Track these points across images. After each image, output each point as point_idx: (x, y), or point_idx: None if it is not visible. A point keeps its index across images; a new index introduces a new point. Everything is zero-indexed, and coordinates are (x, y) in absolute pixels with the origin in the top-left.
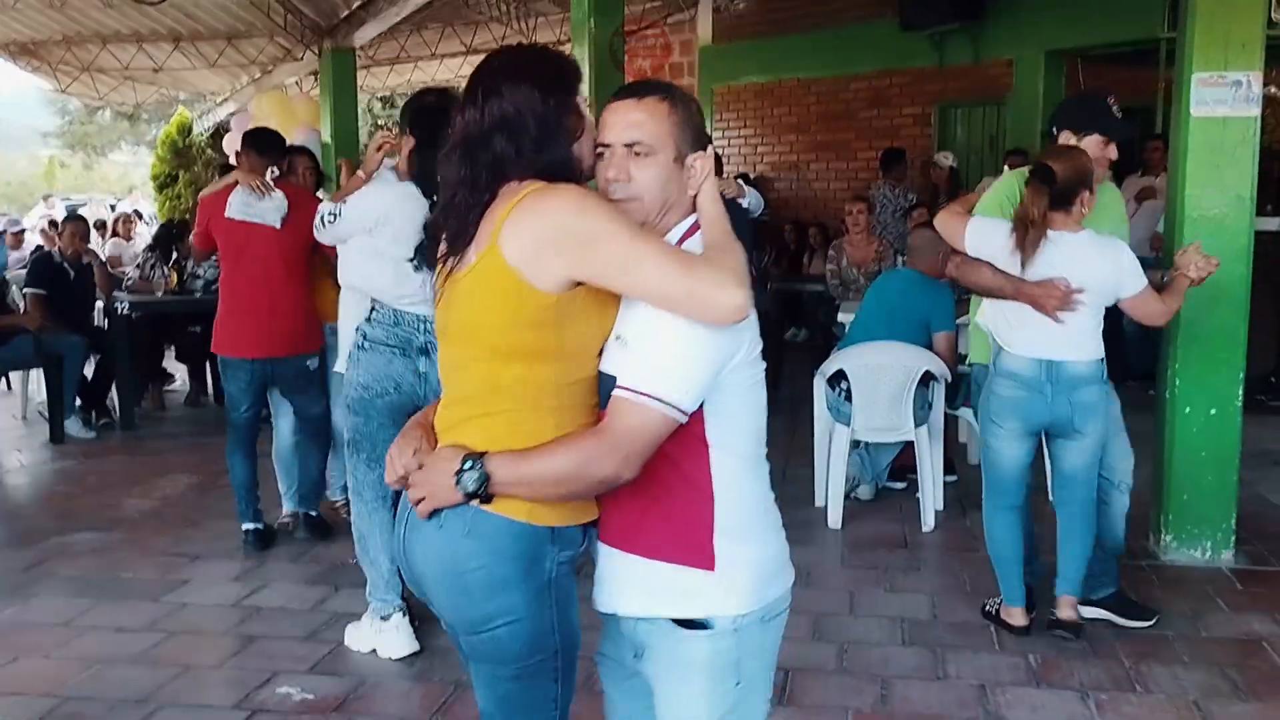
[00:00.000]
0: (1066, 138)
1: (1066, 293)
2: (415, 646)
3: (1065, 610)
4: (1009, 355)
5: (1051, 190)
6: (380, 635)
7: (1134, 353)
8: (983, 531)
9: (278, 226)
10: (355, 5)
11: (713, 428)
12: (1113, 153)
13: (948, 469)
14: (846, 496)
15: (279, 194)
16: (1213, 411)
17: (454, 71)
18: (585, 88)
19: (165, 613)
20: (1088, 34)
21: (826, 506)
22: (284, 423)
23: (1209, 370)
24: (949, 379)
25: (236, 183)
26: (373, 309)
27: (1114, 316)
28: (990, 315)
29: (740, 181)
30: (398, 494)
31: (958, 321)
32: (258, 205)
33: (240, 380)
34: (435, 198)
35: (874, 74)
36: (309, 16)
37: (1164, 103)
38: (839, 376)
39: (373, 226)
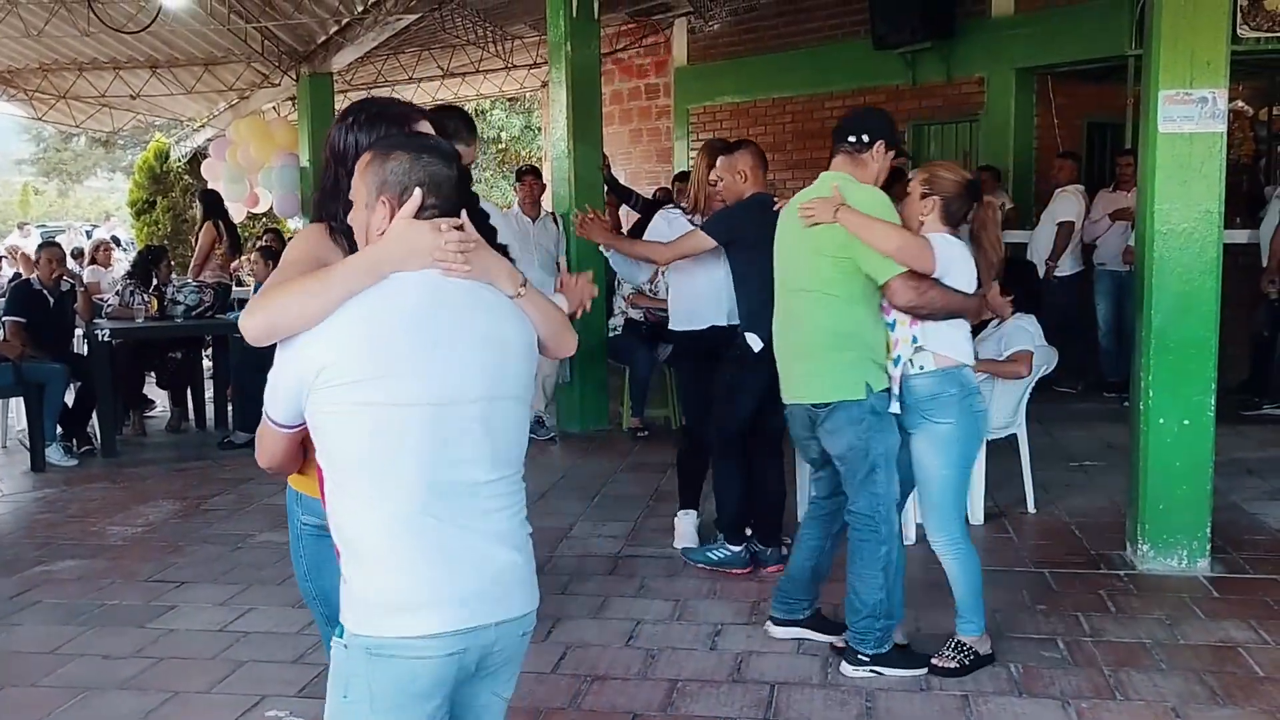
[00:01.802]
0: (881, 148)
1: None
2: None
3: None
4: (969, 371)
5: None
6: None
7: (1108, 364)
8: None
9: None
10: (332, 30)
11: (318, 449)
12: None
13: None
14: None
15: None
16: (1186, 422)
17: (431, 95)
18: (562, 119)
19: (152, 639)
20: (1057, 52)
21: None
22: None
23: (1181, 381)
24: None
25: None
26: None
27: (1089, 327)
28: (945, 335)
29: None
30: None
31: None
32: None
33: None
34: None
35: (848, 93)
36: (286, 42)
37: (1133, 118)
38: None
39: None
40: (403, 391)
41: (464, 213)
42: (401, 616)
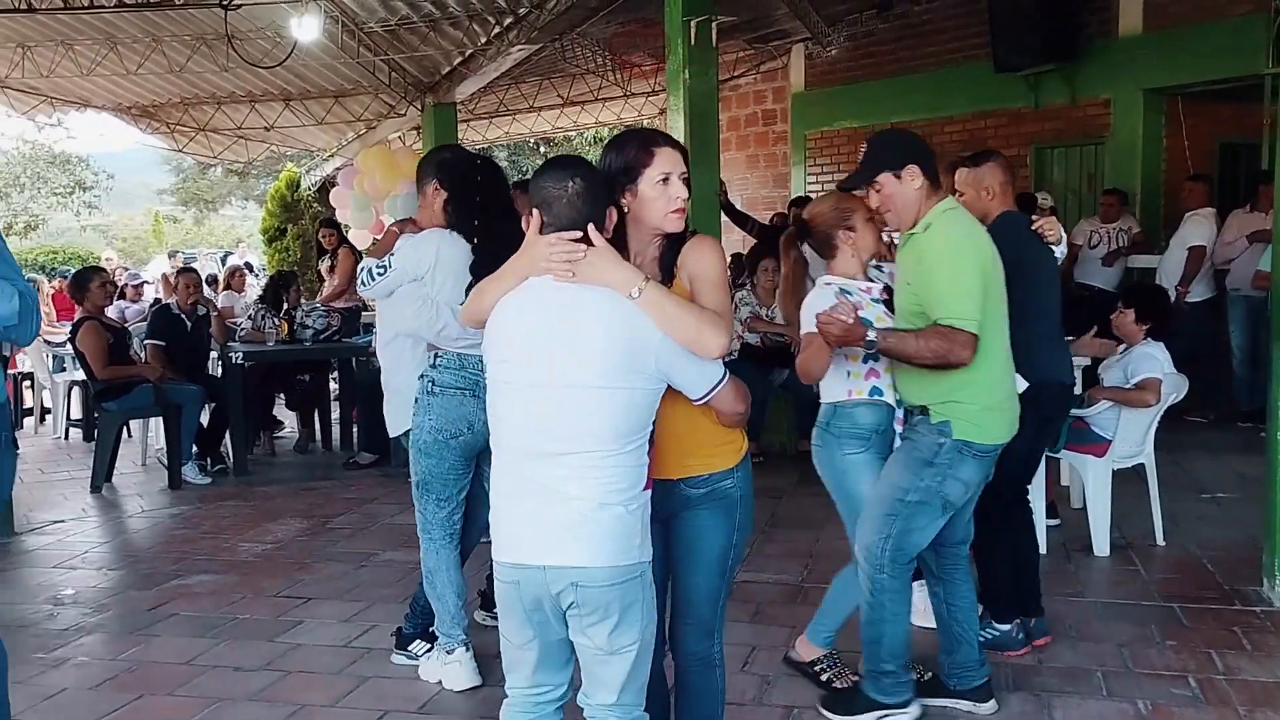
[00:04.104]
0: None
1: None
2: (478, 680)
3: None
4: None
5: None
6: (445, 668)
7: (1243, 393)
8: (1086, 576)
9: None
10: (456, 62)
11: None
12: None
13: (1050, 513)
14: None
15: None
16: None
17: (551, 123)
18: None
19: (280, 653)
20: (1187, 71)
21: None
22: None
23: None
24: None
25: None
26: (436, 355)
27: (1222, 354)
28: None
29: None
30: (463, 530)
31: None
32: None
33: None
34: (476, 240)
35: (968, 116)
36: (412, 74)
37: (1270, 139)
38: None
39: (424, 274)
40: (510, 372)
41: (590, 225)
42: (494, 543)
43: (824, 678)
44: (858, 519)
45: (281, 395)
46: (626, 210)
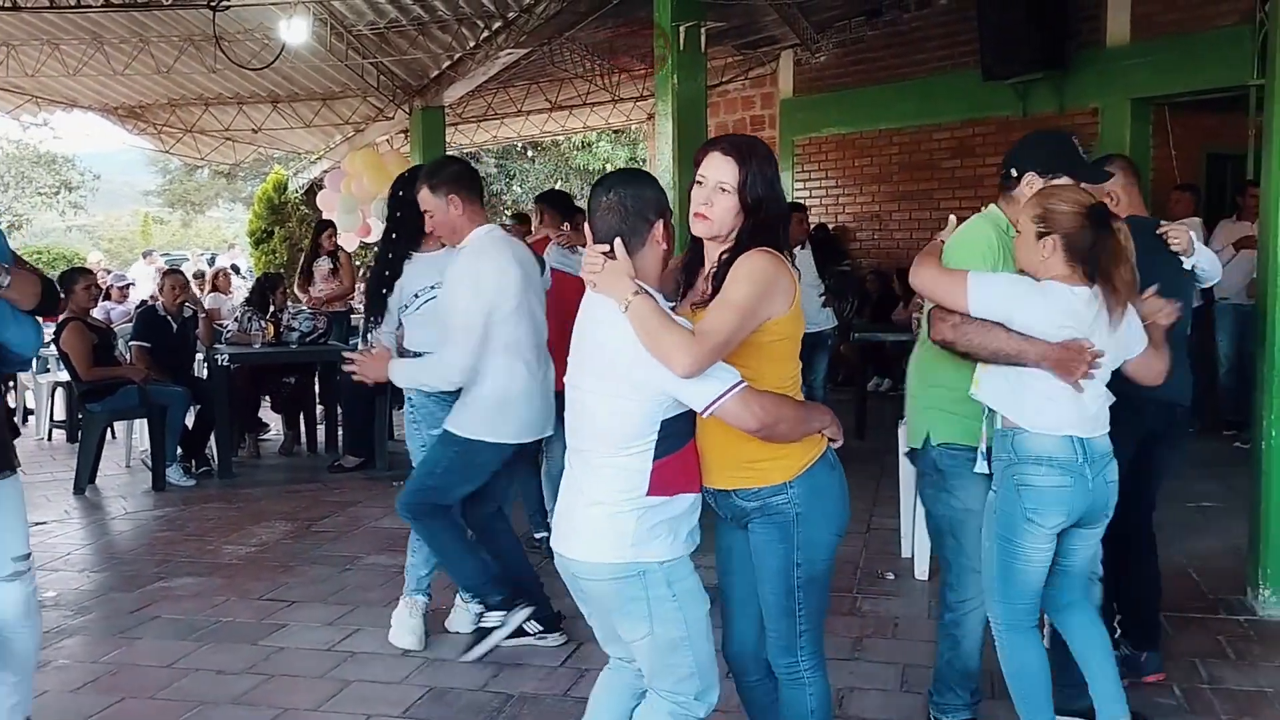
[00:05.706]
0: (1031, 179)
1: (1091, 355)
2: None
3: None
4: (1037, 436)
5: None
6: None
7: (1229, 403)
8: None
9: None
10: (444, 65)
11: None
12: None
13: None
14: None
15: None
16: None
17: (539, 127)
18: (668, 151)
19: (263, 656)
20: (1174, 82)
21: (913, 557)
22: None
23: None
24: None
25: (543, 237)
26: None
27: (1209, 363)
28: (996, 387)
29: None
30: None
31: None
32: (570, 257)
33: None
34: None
35: (957, 124)
36: (400, 77)
37: (1255, 149)
38: None
39: None
40: (568, 369)
41: (617, 239)
42: None
43: None
44: None
45: (267, 397)
46: None
